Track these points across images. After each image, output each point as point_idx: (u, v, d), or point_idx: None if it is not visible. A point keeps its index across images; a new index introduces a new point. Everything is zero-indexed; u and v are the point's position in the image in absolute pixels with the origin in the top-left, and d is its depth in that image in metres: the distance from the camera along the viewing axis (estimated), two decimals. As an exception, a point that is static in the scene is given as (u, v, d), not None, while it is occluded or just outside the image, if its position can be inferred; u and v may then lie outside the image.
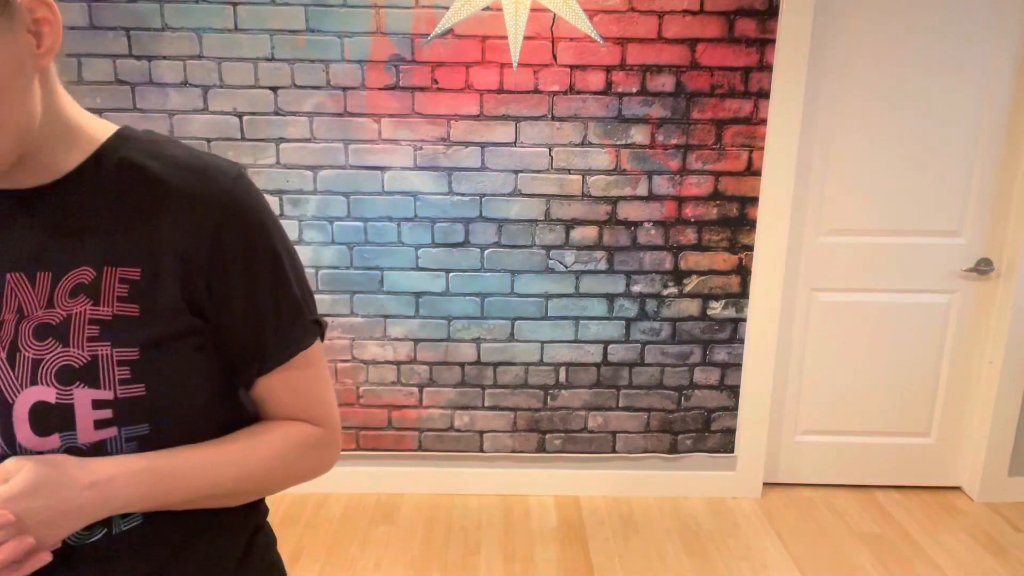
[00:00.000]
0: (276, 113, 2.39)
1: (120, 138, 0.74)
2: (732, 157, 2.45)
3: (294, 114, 2.39)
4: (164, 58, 2.35)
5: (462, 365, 2.61)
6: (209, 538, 0.80)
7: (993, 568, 2.32)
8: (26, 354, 0.67)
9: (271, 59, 2.35)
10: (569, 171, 2.46)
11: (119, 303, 0.69)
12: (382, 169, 2.44)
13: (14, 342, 0.68)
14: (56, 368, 0.67)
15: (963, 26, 2.40)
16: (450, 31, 2.34)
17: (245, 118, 2.38)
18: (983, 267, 2.57)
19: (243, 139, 2.40)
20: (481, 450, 2.68)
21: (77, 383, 0.67)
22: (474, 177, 2.46)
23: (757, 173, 2.46)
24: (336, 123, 2.40)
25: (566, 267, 2.53)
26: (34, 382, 0.67)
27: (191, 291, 0.72)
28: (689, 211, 2.49)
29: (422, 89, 2.38)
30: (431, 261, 2.52)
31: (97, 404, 0.67)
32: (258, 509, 0.88)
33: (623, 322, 2.58)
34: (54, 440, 0.67)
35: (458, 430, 2.67)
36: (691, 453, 2.70)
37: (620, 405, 2.65)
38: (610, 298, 2.56)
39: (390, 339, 2.58)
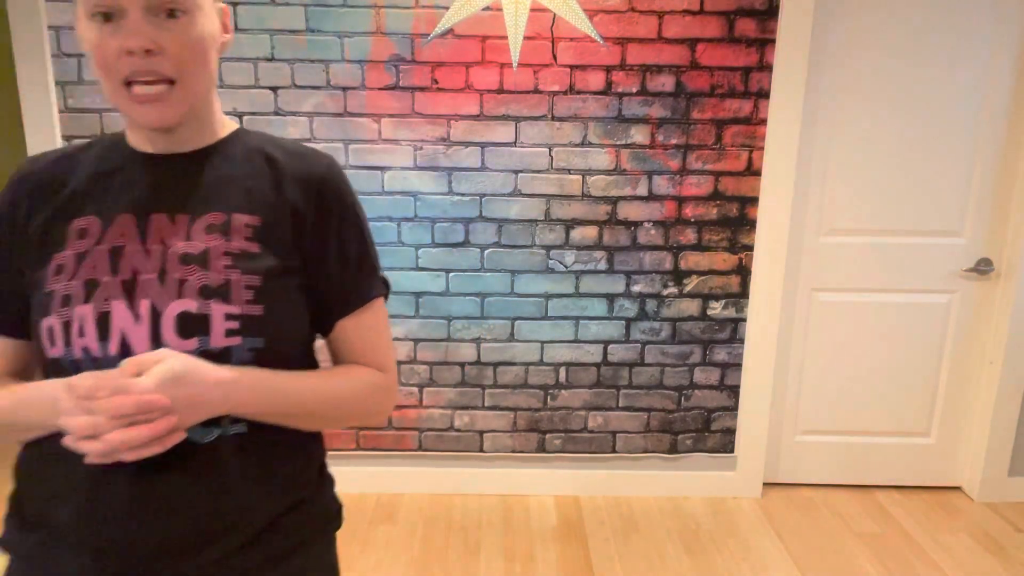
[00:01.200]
0: (276, 113, 2.39)
1: (243, 129, 0.98)
2: (732, 157, 2.45)
3: (294, 114, 2.39)
4: (164, 58, 2.35)
5: (462, 365, 2.61)
6: (294, 457, 0.95)
7: (993, 568, 2.32)
8: (173, 275, 0.86)
9: (271, 59, 2.35)
10: (569, 171, 2.46)
11: (245, 241, 0.89)
12: (382, 169, 2.44)
13: (163, 266, 0.86)
14: (198, 286, 0.85)
15: (963, 26, 2.41)
16: (450, 31, 2.34)
17: (245, 118, 2.38)
18: (983, 267, 2.57)
19: (243, 139, 2.40)
20: (481, 450, 2.68)
21: (214, 298, 0.85)
22: (474, 177, 2.46)
23: (757, 173, 2.46)
24: (336, 123, 2.40)
25: (566, 267, 2.54)
26: (180, 296, 0.85)
27: (299, 237, 0.92)
28: (689, 211, 2.49)
29: (422, 89, 2.39)
30: (431, 261, 2.52)
31: (228, 316, 0.85)
32: (323, 447, 1.04)
33: (623, 322, 2.58)
34: (192, 343, 0.84)
35: (458, 430, 2.67)
36: (691, 453, 2.70)
37: (620, 405, 2.65)
38: (610, 298, 2.56)
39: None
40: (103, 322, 0.84)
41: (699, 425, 2.67)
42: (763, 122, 2.42)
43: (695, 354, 2.61)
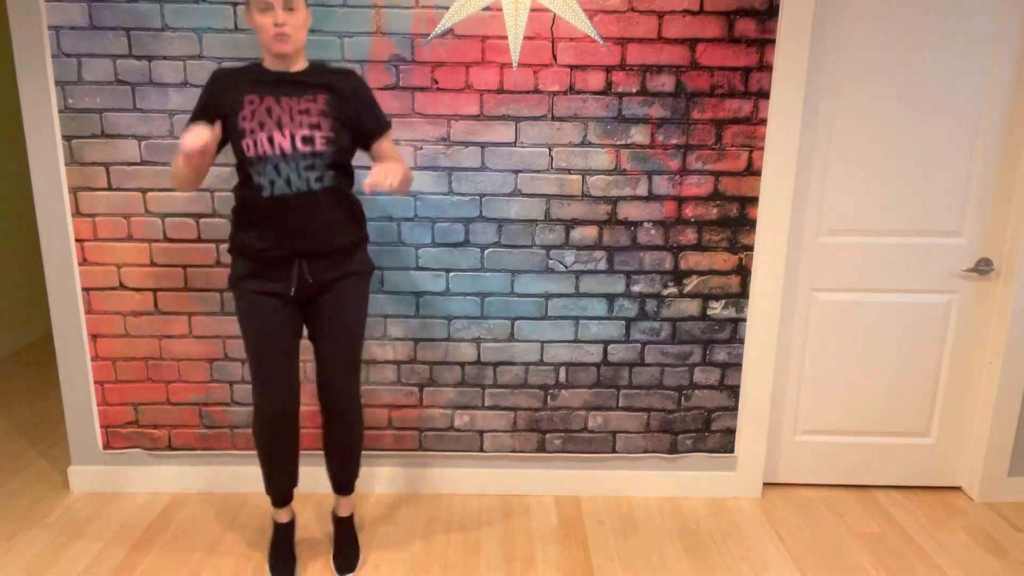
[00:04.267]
0: (276, 113, 2.39)
1: (313, 61, 2.02)
2: (732, 157, 2.45)
3: (294, 114, 2.39)
4: (164, 58, 2.35)
5: (462, 365, 2.61)
6: (355, 218, 2.09)
7: (993, 568, 2.32)
8: (296, 119, 1.92)
9: (271, 59, 2.35)
10: (569, 171, 2.46)
11: (324, 104, 1.95)
12: (382, 169, 2.44)
13: (291, 116, 1.91)
14: (308, 124, 1.92)
15: (963, 27, 2.41)
16: (450, 31, 2.34)
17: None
18: (983, 267, 2.57)
19: (243, 139, 2.40)
20: (481, 450, 2.68)
21: (315, 129, 1.92)
22: (474, 177, 2.46)
23: (757, 173, 2.46)
24: (336, 123, 2.40)
25: (566, 267, 2.54)
26: (300, 128, 1.91)
27: (345, 104, 1.99)
28: (689, 211, 2.49)
29: (422, 89, 2.39)
30: (431, 261, 2.52)
31: (321, 137, 1.93)
32: (363, 231, 2.14)
33: (623, 322, 2.58)
34: (308, 147, 1.91)
35: (458, 430, 2.67)
36: (691, 453, 2.70)
37: (620, 405, 2.65)
38: (610, 298, 2.56)
39: (390, 339, 2.58)
40: (271, 139, 1.89)
41: (699, 425, 2.67)
42: (763, 122, 2.42)
43: (695, 354, 2.61)
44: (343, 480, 2.28)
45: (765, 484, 2.80)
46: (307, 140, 1.91)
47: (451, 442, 2.68)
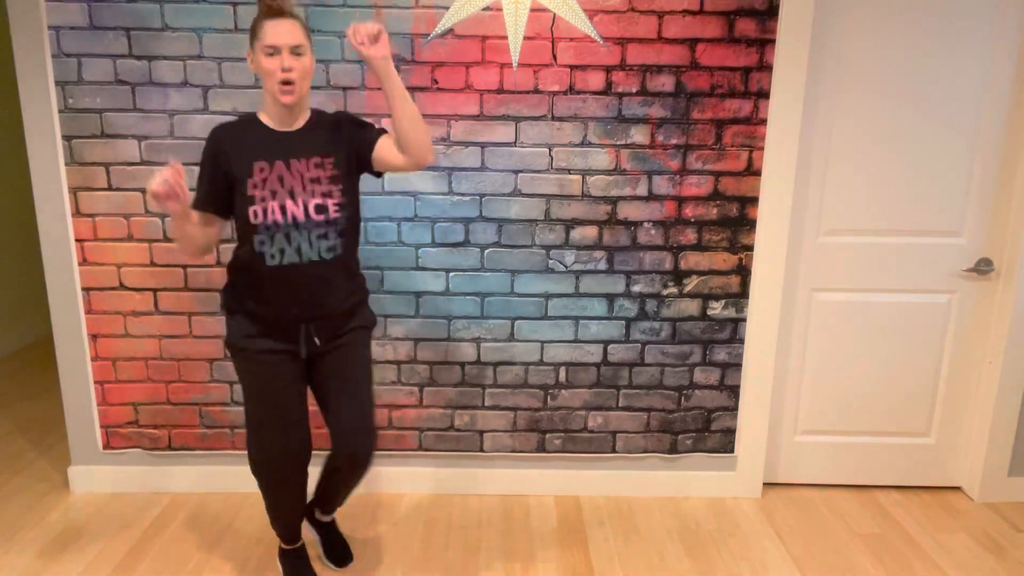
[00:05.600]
0: (276, 113, 2.39)
1: (314, 111, 1.93)
2: (732, 157, 2.45)
3: (294, 114, 2.39)
4: (164, 58, 2.35)
5: (462, 365, 2.61)
6: (356, 276, 2.02)
7: (993, 568, 2.32)
8: (308, 188, 1.83)
9: (271, 59, 2.34)
10: (569, 171, 2.46)
11: (332, 170, 1.86)
12: (382, 169, 2.44)
13: (303, 184, 1.82)
14: (320, 192, 1.84)
15: (963, 27, 2.41)
16: (450, 31, 2.34)
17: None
18: (983, 267, 2.57)
19: (243, 139, 2.40)
20: (481, 450, 2.68)
21: (327, 197, 1.84)
22: (474, 177, 2.46)
23: (757, 173, 2.46)
24: (336, 123, 2.40)
25: (566, 267, 2.54)
26: (313, 197, 1.83)
27: (343, 145, 1.90)
28: (689, 211, 2.49)
29: (422, 89, 2.39)
30: (431, 261, 2.52)
31: (334, 204, 1.85)
32: (364, 288, 2.07)
33: (623, 322, 2.58)
34: (322, 216, 1.84)
35: (458, 430, 2.67)
36: (691, 453, 2.70)
37: (620, 405, 2.65)
38: (610, 298, 2.56)
39: (390, 339, 2.58)
40: (283, 208, 1.81)
41: (699, 425, 2.67)
42: (763, 122, 2.42)
43: (695, 354, 2.61)
44: (335, 505, 2.22)
45: (765, 484, 2.80)
46: (320, 209, 1.83)
47: (451, 442, 2.68)
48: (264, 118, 1.87)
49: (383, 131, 1.94)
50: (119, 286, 2.52)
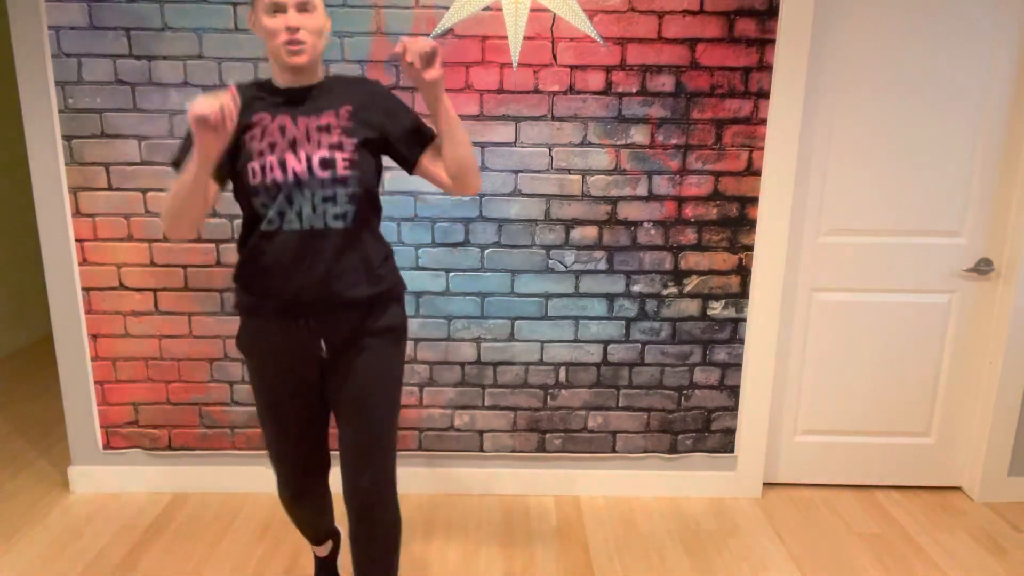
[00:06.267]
0: (276, 113, 2.39)
1: (331, 73, 1.89)
2: (732, 157, 2.45)
3: (294, 114, 2.39)
4: (164, 58, 2.35)
5: (462, 365, 2.61)
6: (382, 264, 1.68)
7: (993, 568, 2.32)
8: (313, 138, 1.56)
9: (271, 59, 2.35)
10: (569, 171, 2.46)
11: (346, 121, 1.59)
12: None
13: (307, 136, 1.56)
14: (327, 144, 1.56)
15: (963, 27, 2.41)
16: (450, 31, 2.34)
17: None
18: (983, 267, 2.57)
19: (243, 139, 2.40)
20: (481, 450, 2.68)
21: (336, 150, 1.56)
22: (474, 177, 2.46)
23: (757, 173, 2.46)
24: (336, 123, 2.40)
25: (566, 267, 2.53)
26: (319, 148, 1.55)
27: (371, 118, 1.62)
28: (689, 211, 2.49)
29: (422, 89, 2.38)
30: (431, 261, 2.52)
31: (343, 159, 1.56)
32: (393, 281, 1.71)
33: (623, 322, 2.58)
34: (328, 172, 1.55)
35: (458, 430, 2.67)
36: (691, 453, 2.70)
37: (620, 405, 2.65)
38: (610, 298, 2.56)
39: (390, 339, 2.58)
40: (283, 164, 1.54)
41: (699, 425, 2.67)
42: (763, 122, 2.42)
43: (695, 354, 2.61)
44: None
45: (765, 484, 2.80)
46: (326, 164, 1.54)
47: (451, 442, 2.68)
48: (274, 78, 1.63)
49: (432, 134, 1.68)
50: (119, 286, 2.52)
